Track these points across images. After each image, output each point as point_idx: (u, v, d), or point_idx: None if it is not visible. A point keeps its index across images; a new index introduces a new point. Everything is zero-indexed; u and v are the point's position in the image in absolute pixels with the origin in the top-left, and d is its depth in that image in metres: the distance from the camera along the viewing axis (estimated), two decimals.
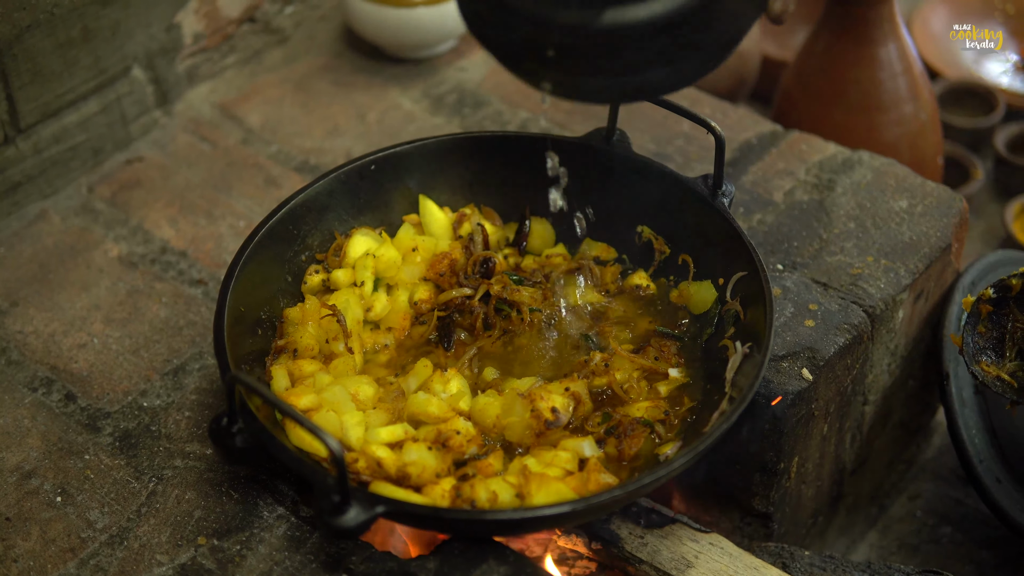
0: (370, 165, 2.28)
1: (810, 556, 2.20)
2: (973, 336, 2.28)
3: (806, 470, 2.37)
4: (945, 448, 2.97)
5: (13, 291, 2.41)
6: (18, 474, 2.08)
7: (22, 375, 2.25)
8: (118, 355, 2.28)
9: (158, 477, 2.06)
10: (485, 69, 2.96)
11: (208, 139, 2.78)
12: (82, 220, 2.57)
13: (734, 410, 1.88)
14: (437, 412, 2.01)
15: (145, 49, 2.70)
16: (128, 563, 1.93)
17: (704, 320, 2.18)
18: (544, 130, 2.75)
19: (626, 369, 2.10)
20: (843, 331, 2.26)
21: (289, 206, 2.19)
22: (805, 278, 2.36)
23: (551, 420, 1.99)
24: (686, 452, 1.85)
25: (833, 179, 2.57)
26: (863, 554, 2.78)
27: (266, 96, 2.91)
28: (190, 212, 2.58)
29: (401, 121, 2.83)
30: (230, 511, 1.99)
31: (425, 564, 1.85)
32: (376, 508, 1.74)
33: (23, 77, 2.47)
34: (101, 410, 2.19)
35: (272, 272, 2.17)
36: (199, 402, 2.19)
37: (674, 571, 2.05)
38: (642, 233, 2.28)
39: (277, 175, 2.68)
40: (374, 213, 2.31)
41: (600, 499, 1.80)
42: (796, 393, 2.17)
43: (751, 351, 2.02)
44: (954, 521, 2.85)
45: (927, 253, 2.42)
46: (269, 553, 1.92)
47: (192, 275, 2.44)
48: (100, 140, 2.68)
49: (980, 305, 2.28)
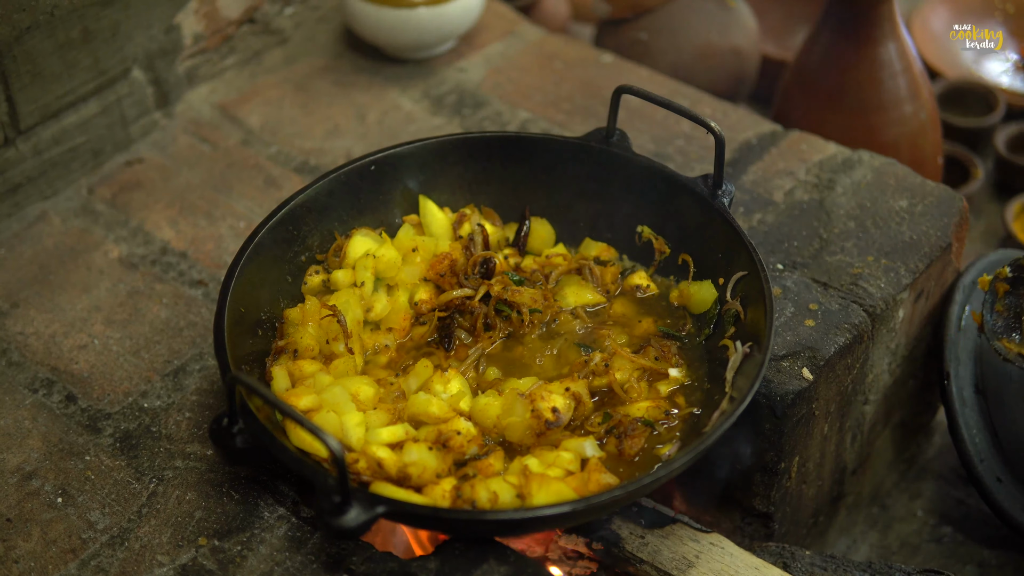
0: (370, 165, 2.28)
1: (811, 556, 2.20)
2: (992, 314, 2.29)
3: (807, 470, 2.37)
4: (946, 448, 2.97)
5: (13, 292, 2.41)
6: (19, 475, 2.08)
7: (23, 376, 2.25)
8: (119, 356, 2.28)
9: (159, 478, 2.06)
10: (485, 69, 2.96)
11: (208, 140, 2.78)
12: (82, 221, 2.57)
13: (734, 410, 1.88)
14: (438, 412, 2.01)
15: (145, 50, 2.70)
16: (129, 564, 1.93)
17: (704, 320, 2.18)
18: (544, 130, 2.75)
19: (626, 369, 2.10)
20: (843, 331, 2.26)
21: (289, 207, 2.19)
22: (805, 278, 2.36)
23: (552, 420, 1.99)
24: (686, 452, 1.85)
25: (833, 179, 2.57)
26: (864, 554, 2.78)
27: (266, 97, 2.91)
28: (190, 213, 2.58)
29: (401, 122, 2.83)
30: (231, 512, 1.99)
31: (426, 564, 1.85)
32: (377, 508, 1.74)
33: (23, 78, 2.47)
34: (102, 411, 2.19)
35: (272, 273, 2.17)
36: (200, 403, 2.19)
37: (675, 571, 2.05)
38: (642, 233, 2.29)
39: (277, 176, 2.68)
40: (374, 213, 2.31)
41: (600, 499, 1.80)
42: (796, 393, 2.17)
43: (751, 351, 2.02)
44: (955, 521, 2.85)
45: (927, 252, 2.42)
46: (270, 553, 1.92)
47: (192, 276, 2.44)
48: (100, 141, 2.68)
49: (997, 284, 2.29)
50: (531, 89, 2.90)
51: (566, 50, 3.05)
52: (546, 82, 2.92)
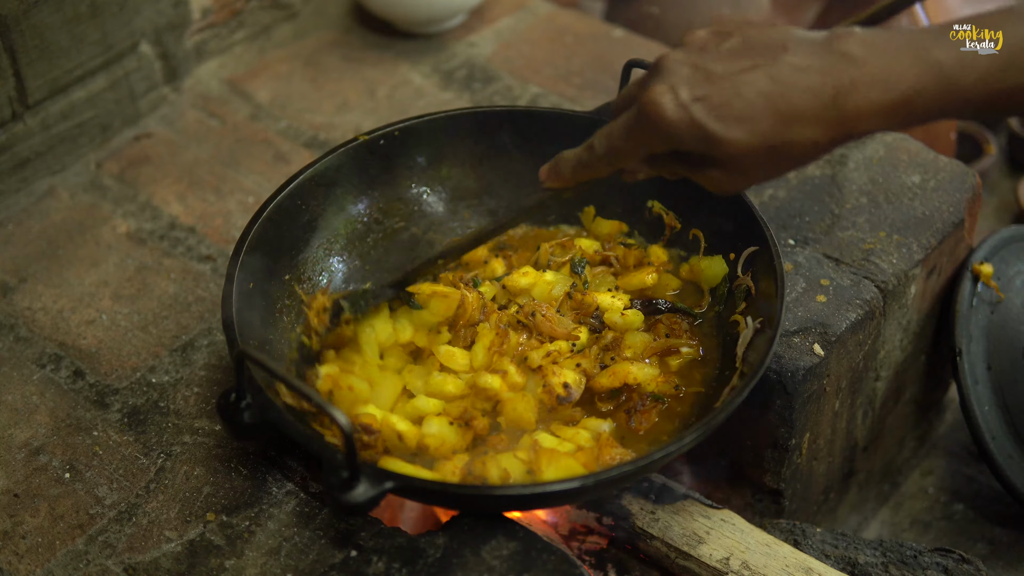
0: (379, 140, 2.27)
1: (822, 533, 2.19)
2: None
3: (818, 446, 2.36)
4: (958, 424, 2.96)
5: (21, 267, 2.41)
6: (26, 451, 2.07)
7: (30, 352, 2.25)
8: (127, 331, 2.28)
9: (167, 453, 2.06)
10: (495, 44, 2.95)
11: (217, 115, 2.77)
12: (90, 196, 2.57)
13: (745, 385, 1.87)
14: (454, 390, 2.01)
15: (153, 25, 2.69)
16: (137, 539, 1.93)
17: (715, 295, 2.16)
18: (554, 105, 2.74)
19: (637, 346, 2.08)
20: (855, 306, 2.25)
21: (298, 181, 2.18)
22: (817, 253, 2.34)
23: (563, 396, 1.98)
24: (697, 427, 1.84)
25: (845, 154, 2.55)
26: (875, 531, 2.77)
27: (275, 72, 2.90)
28: (199, 188, 2.58)
29: (411, 96, 2.81)
30: (239, 487, 1.99)
31: (434, 540, 1.85)
32: (385, 484, 1.73)
33: (31, 53, 2.46)
34: (110, 386, 2.18)
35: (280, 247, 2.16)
36: (208, 378, 2.19)
37: (685, 547, 2.04)
38: (652, 208, 2.27)
39: (286, 151, 2.67)
40: (383, 188, 2.30)
41: (610, 474, 1.79)
42: (808, 369, 2.16)
43: (762, 326, 2.00)
44: (966, 498, 2.84)
45: (940, 228, 2.41)
46: (278, 529, 1.91)
47: (201, 251, 2.43)
48: (108, 116, 2.67)
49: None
50: (541, 64, 2.88)
51: (577, 24, 3.03)
52: (557, 57, 2.90)
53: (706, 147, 1.66)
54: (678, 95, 1.64)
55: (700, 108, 1.63)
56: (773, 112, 1.61)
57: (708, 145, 1.65)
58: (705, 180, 1.74)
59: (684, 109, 1.63)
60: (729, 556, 2.02)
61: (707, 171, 1.71)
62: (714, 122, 1.63)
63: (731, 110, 1.62)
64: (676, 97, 1.64)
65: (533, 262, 2.23)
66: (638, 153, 1.74)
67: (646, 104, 1.66)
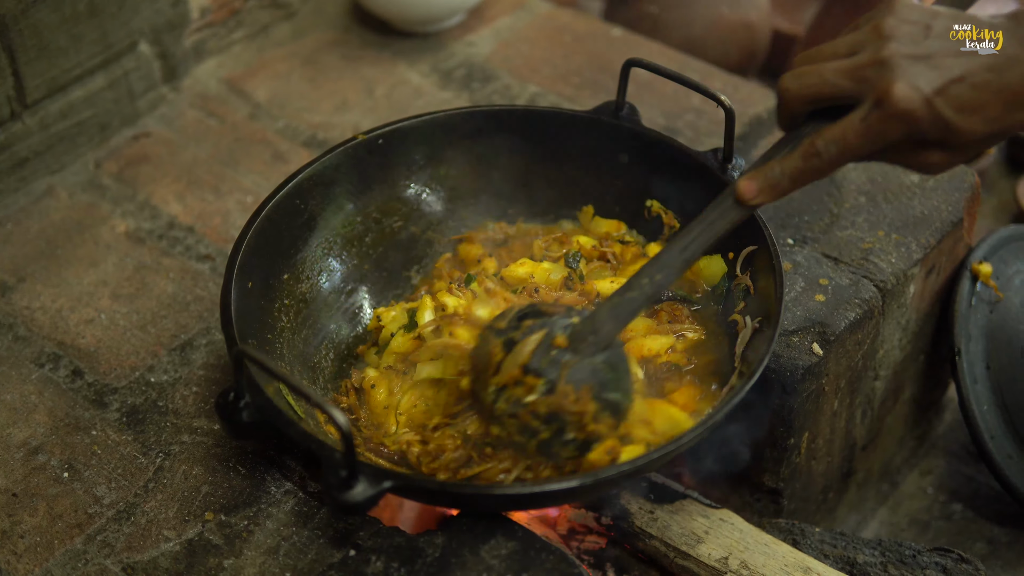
0: (378, 139, 2.27)
1: (820, 532, 2.19)
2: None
3: (816, 446, 2.36)
4: (956, 424, 2.96)
5: (20, 267, 2.41)
6: (25, 450, 2.07)
7: (29, 351, 2.25)
8: (125, 331, 2.28)
9: (165, 452, 2.06)
10: (494, 43, 2.95)
11: (215, 114, 2.77)
12: (89, 196, 2.56)
13: (743, 385, 1.87)
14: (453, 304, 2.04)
15: (152, 24, 2.69)
16: (135, 539, 1.93)
17: (714, 294, 2.16)
18: (553, 104, 2.74)
19: (641, 330, 2.08)
20: (854, 306, 2.25)
21: (296, 180, 2.18)
22: (816, 252, 2.34)
23: None
24: (696, 426, 1.84)
25: None
26: (873, 531, 2.77)
27: (274, 71, 2.89)
28: (197, 187, 2.58)
29: (409, 96, 2.81)
30: (237, 486, 1.99)
31: (433, 539, 1.84)
32: (383, 483, 1.73)
33: (29, 52, 2.46)
34: (108, 386, 2.18)
35: (279, 247, 2.16)
36: (206, 377, 2.19)
37: (684, 546, 2.04)
38: (651, 207, 2.27)
39: (285, 150, 2.67)
40: (381, 188, 2.30)
41: (608, 474, 1.79)
42: (806, 368, 2.15)
43: (761, 326, 2.00)
44: (965, 498, 2.84)
45: (939, 228, 2.41)
46: (277, 528, 1.91)
47: (199, 251, 2.43)
48: (107, 115, 2.67)
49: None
50: (540, 63, 2.88)
51: (576, 24, 3.03)
52: (555, 56, 2.90)
53: (944, 135, 1.72)
54: (921, 91, 1.69)
55: (942, 102, 1.70)
56: (1001, 100, 1.69)
57: (947, 134, 1.72)
58: (920, 162, 1.80)
59: (929, 105, 1.69)
60: (728, 555, 2.02)
61: (926, 154, 1.78)
62: (955, 114, 1.69)
63: (967, 101, 1.69)
64: (921, 93, 1.69)
65: (528, 256, 2.23)
66: (874, 148, 1.78)
67: (895, 103, 1.70)
